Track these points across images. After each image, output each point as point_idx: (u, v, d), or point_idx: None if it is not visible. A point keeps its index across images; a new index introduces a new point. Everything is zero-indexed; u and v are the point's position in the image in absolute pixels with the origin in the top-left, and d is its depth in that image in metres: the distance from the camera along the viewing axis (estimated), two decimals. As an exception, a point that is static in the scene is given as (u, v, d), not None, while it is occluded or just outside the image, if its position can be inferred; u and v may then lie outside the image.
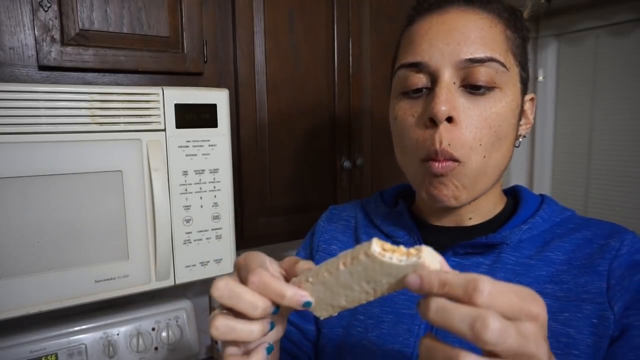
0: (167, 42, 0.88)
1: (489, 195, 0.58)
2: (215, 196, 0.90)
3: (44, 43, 0.77)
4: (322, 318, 0.41)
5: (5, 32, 0.75)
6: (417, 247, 0.35)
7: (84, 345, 1.04)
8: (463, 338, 0.31)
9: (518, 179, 2.34)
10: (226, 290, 0.38)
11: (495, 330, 0.30)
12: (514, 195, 0.63)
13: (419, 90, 0.53)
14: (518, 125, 0.56)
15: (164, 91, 0.83)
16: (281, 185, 1.06)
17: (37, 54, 0.77)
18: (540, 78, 2.20)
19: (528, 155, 2.34)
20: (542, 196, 0.61)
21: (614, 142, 2.01)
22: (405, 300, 0.57)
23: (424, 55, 0.52)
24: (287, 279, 0.42)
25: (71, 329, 1.04)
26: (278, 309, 0.40)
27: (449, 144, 0.50)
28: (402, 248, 0.35)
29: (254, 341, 0.40)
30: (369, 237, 0.63)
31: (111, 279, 0.82)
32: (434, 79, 0.52)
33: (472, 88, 0.51)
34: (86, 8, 0.80)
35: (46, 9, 0.77)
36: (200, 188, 0.89)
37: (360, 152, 1.16)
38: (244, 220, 1.02)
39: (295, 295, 0.38)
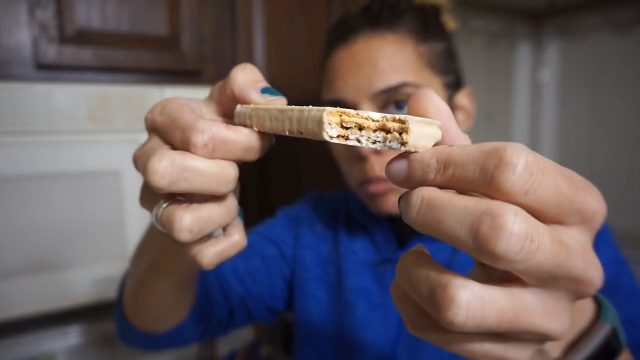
0: (166, 41, 0.88)
1: None
2: (214, 196, 0.90)
3: (42, 42, 0.77)
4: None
5: (2, 30, 0.74)
6: (400, 117, 0.22)
7: (82, 346, 1.03)
8: (462, 249, 0.19)
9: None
10: (175, 169, 0.25)
11: (514, 237, 0.18)
12: None
13: None
14: None
15: (163, 90, 0.83)
16: (281, 185, 1.06)
17: (35, 53, 0.77)
18: (542, 78, 2.19)
19: (530, 156, 2.33)
20: None
21: (617, 142, 2.00)
22: (379, 291, 0.58)
23: (340, 92, 0.54)
24: (220, 112, 0.32)
25: (70, 329, 1.04)
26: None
27: (380, 169, 0.52)
28: (372, 119, 0.22)
29: (225, 193, 0.28)
30: (348, 228, 0.65)
31: (110, 279, 0.81)
32: None
33: (395, 107, 0.52)
34: (84, 7, 0.80)
35: (44, 8, 0.76)
36: (199, 188, 0.88)
37: (360, 152, 1.15)
38: (244, 221, 1.01)
39: (250, 140, 0.28)
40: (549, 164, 0.20)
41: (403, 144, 0.21)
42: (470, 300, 0.19)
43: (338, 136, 0.22)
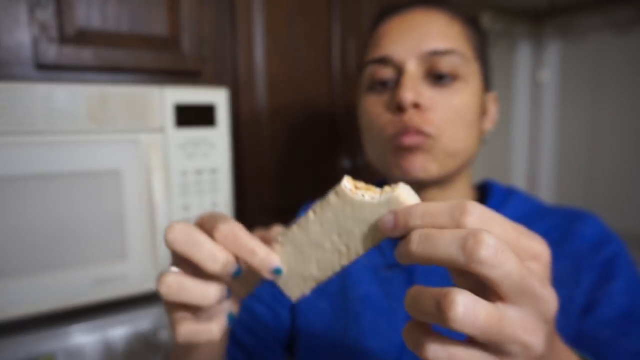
0: (166, 41, 0.88)
1: (459, 186, 0.60)
2: (214, 196, 0.90)
3: (42, 42, 0.77)
4: (293, 299, 0.35)
5: (2, 30, 0.74)
6: (393, 185, 0.31)
7: (82, 346, 1.03)
8: (454, 265, 0.25)
9: (518, 179, 2.32)
10: (184, 234, 0.32)
11: (491, 247, 0.24)
12: (483, 189, 0.65)
13: (385, 83, 0.56)
14: (481, 118, 0.58)
15: (163, 90, 0.83)
16: (281, 185, 1.06)
17: (35, 52, 0.77)
18: (542, 78, 2.19)
19: (528, 156, 2.33)
20: (508, 188, 0.64)
21: (617, 142, 2.00)
22: (384, 297, 0.58)
23: (387, 50, 0.55)
24: None
25: (70, 329, 1.04)
26: (240, 272, 0.33)
27: (419, 122, 0.53)
28: (376, 188, 0.32)
29: (208, 307, 0.34)
30: None
31: (110, 279, 0.81)
32: (399, 71, 0.55)
33: (436, 78, 0.53)
34: (84, 7, 0.80)
35: (44, 7, 0.76)
36: (199, 188, 0.88)
37: (360, 152, 1.15)
38: (243, 220, 1.01)
39: (267, 256, 0.33)
40: (500, 216, 0.27)
41: (393, 192, 0.30)
42: (466, 301, 0.24)
43: (350, 189, 0.32)
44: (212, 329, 0.34)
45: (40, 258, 0.75)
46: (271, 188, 1.05)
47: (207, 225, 0.34)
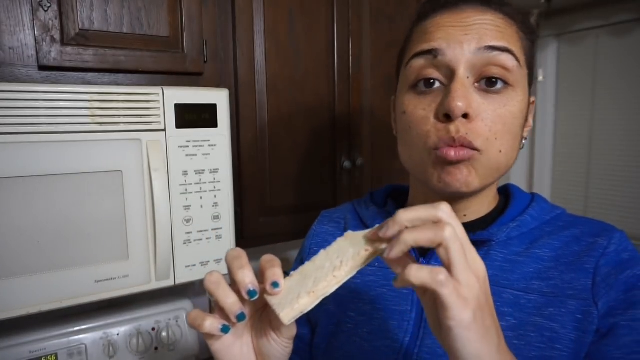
0: (167, 42, 0.88)
1: (487, 192, 0.58)
2: (215, 196, 0.90)
3: (44, 43, 0.77)
4: (286, 322, 0.40)
5: (5, 32, 0.75)
6: None
7: (84, 346, 1.04)
8: (430, 242, 0.37)
9: (518, 179, 2.33)
10: (214, 280, 0.44)
11: (448, 231, 0.37)
12: (506, 193, 0.63)
13: (431, 83, 0.52)
14: (524, 126, 0.56)
15: (164, 91, 0.83)
16: (281, 185, 1.06)
17: (37, 53, 0.77)
18: (540, 78, 2.20)
19: (528, 155, 2.34)
20: (532, 195, 0.61)
21: (614, 142, 2.01)
22: (395, 297, 0.57)
23: (440, 42, 0.51)
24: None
25: (71, 329, 1.04)
26: (244, 316, 0.43)
27: (467, 133, 0.49)
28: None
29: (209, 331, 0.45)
30: None
31: (111, 279, 0.82)
32: (449, 72, 0.51)
33: (487, 84, 0.50)
34: (86, 8, 0.80)
35: (46, 9, 0.77)
36: (200, 188, 0.89)
37: (360, 152, 1.16)
38: (244, 220, 1.02)
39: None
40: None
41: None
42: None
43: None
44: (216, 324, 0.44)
45: (41, 257, 0.76)
46: (271, 188, 1.05)
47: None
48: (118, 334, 1.08)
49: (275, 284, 0.42)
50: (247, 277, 0.43)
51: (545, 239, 0.55)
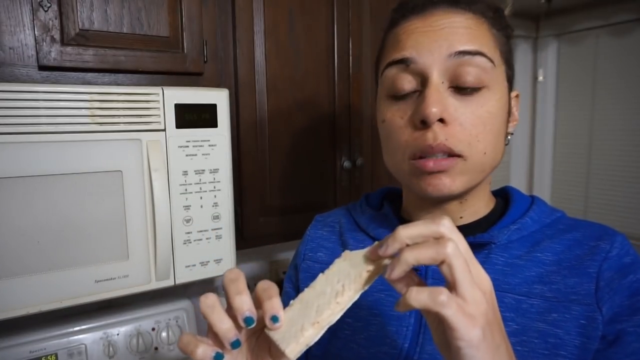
0: (167, 42, 0.88)
1: (480, 194, 0.57)
2: (215, 196, 0.90)
3: (44, 43, 0.77)
4: (292, 358, 0.37)
5: (5, 32, 0.75)
6: None
7: (83, 346, 1.04)
8: (433, 260, 0.36)
9: (518, 179, 2.33)
10: (209, 303, 0.42)
11: (450, 247, 0.36)
12: (504, 196, 0.63)
13: (407, 91, 0.52)
14: (507, 122, 0.56)
15: (164, 91, 0.83)
16: (281, 185, 1.06)
17: (37, 54, 0.77)
18: (540, 78, 2.20)
19: (528, 155, 2.34)
20: (532, 197, 0.61)
21: (614, 142, 2.01)
22: (393, 302, 0.56)
23: (411, 51, 0.51)
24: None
25: (71, 329, 1.04)
26: (238, 344, 0.41)
27: (446, 139, 0.49)
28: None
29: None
30: (355, 240, 0.64)
31: (111, 279, 0.82)
32: (423, 79, 0.51)
33: (460, 90, 0.50)
34: (86, 8, 0.80)
35: (46, 9, 0.77)
36: (200, 188, 0.89)
37: (360, 152, 1.16)
38: (244, 220, 1.02)
39: (240, 307, 0.40)
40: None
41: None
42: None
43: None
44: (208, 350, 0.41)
45: (42, 257, 0.76)
46: (271, 188, 1.05)
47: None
48: (118, 334, 1.08)
49: (274, 319, 0.39)
50: (244, 304, 0.40)
51: (547, 242, 0.54)
